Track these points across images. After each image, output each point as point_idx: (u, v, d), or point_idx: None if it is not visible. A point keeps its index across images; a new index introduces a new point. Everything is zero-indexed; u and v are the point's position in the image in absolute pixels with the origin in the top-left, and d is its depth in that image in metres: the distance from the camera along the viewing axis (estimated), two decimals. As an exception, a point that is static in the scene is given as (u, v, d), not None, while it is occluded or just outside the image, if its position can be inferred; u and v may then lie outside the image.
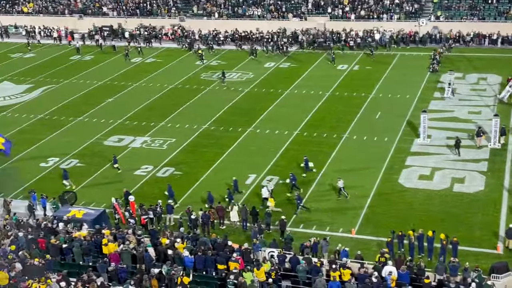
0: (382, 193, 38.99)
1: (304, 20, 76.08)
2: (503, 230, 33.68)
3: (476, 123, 47.33)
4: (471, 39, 68.52)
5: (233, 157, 45.14)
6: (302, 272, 29.03)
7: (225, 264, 29.35)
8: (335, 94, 56.79)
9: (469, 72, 59.64)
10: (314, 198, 38.81)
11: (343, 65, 64.67)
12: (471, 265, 28.77)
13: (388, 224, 35.02)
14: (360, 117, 50.93)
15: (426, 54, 65.24)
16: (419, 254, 32.29)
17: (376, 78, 59.89)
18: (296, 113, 52.47)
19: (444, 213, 36.24)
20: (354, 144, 45.85)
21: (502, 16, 70.17)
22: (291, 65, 66.39)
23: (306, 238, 33.12)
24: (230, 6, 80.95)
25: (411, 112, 50.75)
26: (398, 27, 71.67)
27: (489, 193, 38.04)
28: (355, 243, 33.61)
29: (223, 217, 36.47)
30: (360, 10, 75.13)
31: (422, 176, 40.53)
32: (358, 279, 28.01)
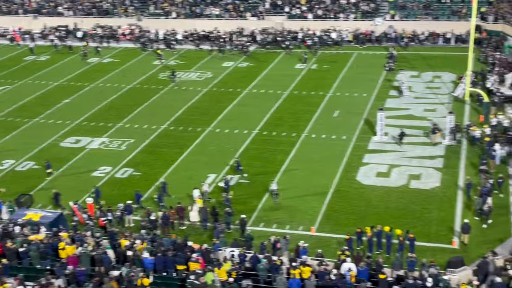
0: (340, 190, 39.42)
1: (262, 20, 76.25)
2: (458, 225, 34.42)
3: (431, 120, 48.21)
4: (425, 38, 69.74)
5: (192, 156, 45.03)
6: (262, 271, 29.19)
7: (185, 264, 29.31)
8: (293, 93, 57.13)
9: (424, 70, 60.71)
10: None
11: (301, 64, 65.08)
12: (428, 260, 29.36)
13: (347, 222, 35.47)
14: (318, 115, 51.36)
15: (382, 53, 66.14)
16: (377, 250, 32.76)
17: (334, 77, 60.45)
18: (255, 112, 52.62)
19: (402, 210, 36.85)
20: (313, 143, 46.22)
21: (455, 15, 71.57)
22: (249, 64, 66.49)
23: (267, 237, 33.30)
24: (188, 5, 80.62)
25: (368, 110, 51.42)
26: (355, 26, 72.46)
27: (445, 189, 38.81)
28: (314, 241, 33.93)
29: (183, 217, 36.37)
30: (317, 10, 75.70)
31: (380, 173, 41.12)
32: (318, 276, 28.31)
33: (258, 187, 40.05)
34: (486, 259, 28.90)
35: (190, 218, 36.27)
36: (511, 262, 28.26)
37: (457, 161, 41.95)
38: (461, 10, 71.40)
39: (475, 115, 48.82)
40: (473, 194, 37.14)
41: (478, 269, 28.91)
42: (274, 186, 38.66)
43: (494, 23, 67.76)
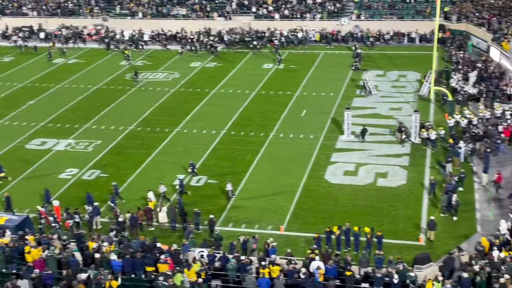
0: (309, 189, 39.65)
1: (229, 20, 76.26)
2: (424, 222, 34.91)
3: (397, 119, 48.80)
4: (391, 37, 70.55)
5: (160, 157, 44.82)
6: (231, 271, 29.22)
7: (154, 266, 29.17)
8: (261, 93, 57.27)
9: (389, 69, 61.40)
10: (243, 197, 39.05)
11: (268, 64, 65.27)
12: (395, 257, 29.72)
13: (315, 220, 35.71)
14: (286, 115, 51.58)
15: (348, 52, 66.68)
16: (345, 248, 33.05)
17: (301, 76, 60.77)
18: (223, 112, 52.61)
19: (369, 208, 37.23)
20: (281, 142, 46.39)
21: (419, 15, 72.55)
22: (217, 64, 66.43)
23: (235, 237, 33.35)
24: (154, 5, 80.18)
25: (335, 109, 51.81)
26: (321, 26, 72.95)
27: (411, 186, 39.32)
28: (283, 240, 34.07)
29: (151, 218, 36.19)
30: (284, 10, 76.00)
31: (347, 172, 41.47)
32: (287, 275, 28.45)
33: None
34: (452, 255, 29.36)
35: (159, 219, 36.11)
36: (476, 258, 28.75)
37: (423, 159, 42.53)
38: (425, 10, 72.43)
39: (440, 113, 49.53)
40: (438, 192, 37.67)
41: (444, 265, 29.37)
42: (229, 187, 38.61)
43: (458, 22, 68.92)
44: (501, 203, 36.47)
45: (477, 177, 39.68)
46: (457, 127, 45.02)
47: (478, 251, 29.42)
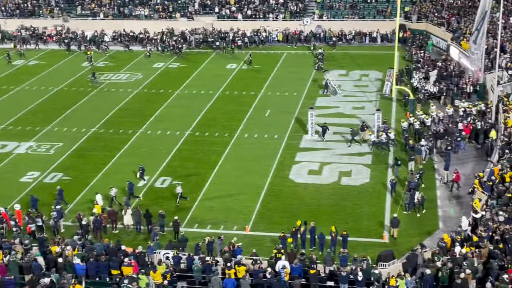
0: (274, 189, 39.76)
1: (192, 20, 76.00)
2: (388, 220, 35.32)
3: (360, 118, 49.29)
4: (353, 37, 71.21)
5: (124, 159, 44.42)
6: (197, 272, 29.16)
7: (119, 269, 28.92)
8: (225, 93, 57.23)
9: (352, 69, 61.97)
10: (208, 197, 38.97)
11: (232, 64, 65.27)
12: (360, 255, 30.02)
13: (280, 220, 35.82)
14: (250, 115, 51.65)
15: (311, 52, 67.05)
16: (311, 247, 33.25)
17: (265, 76, 60.91)
18: (187, 113, 52.42)
19: (333, 206, 37.51)
20: (246, 142, 46.43)
21: (381, 15, 73.42)
22: (180, 65, 66.17)
23: (201, 238, 33.26)
24: (116, 6, 79.44)
25: (299, 109, 52.08)
26: (284, 26, 73.24)
27: (374, 185, 39.75)
28: (249, 240, 34.10)
29: (115, 221, 35.85)
30: (246, 10, 76.08)
31: (312, 171, 41.71)
32: (253, 275, 28.51)
33: (192, 188, 39.89)
34: (415, 252, 29.77)
35: (124, 221, 35.80)
36: (439, 254, 29.21)
37: (385, 157, 43.03)
38: (386, 10, 73.33)
39: (401, 112, 50.18)
40: (401, 190, 38.12)
41: (407, 262, 29.74)
42: (179, 189, 38.36)
43: (418, 22, 69.92)
44: (462, 200, 37.10)
45: (439, 174, 40.33)
46: (410, 129, 45.47)
47: (440, 248, 29.88)
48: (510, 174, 34.62)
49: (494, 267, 26.94)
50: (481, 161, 41.25)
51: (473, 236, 30.41)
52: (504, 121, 41.86)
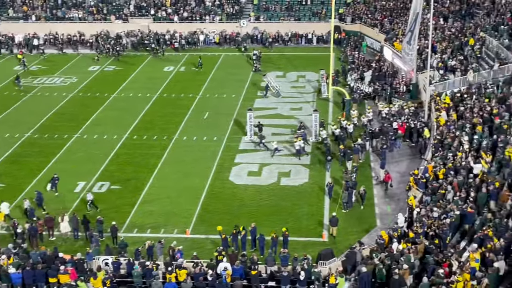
0: (214, 191, 39.72)
1: (127, 22, 75.07)
2: (327, 219, 35.82)
3: (298, 119, 49.81)
4: (289, 38, 71.91)
5: (60, 165, 43.42)
6: (137, 277, 28.85)
7: (56, 277, 28.31)
8: (163, 96, 56.79)
9: (289, 70, 62.57)
10: (148, 201, 38.60)
11: (169, 66, 64.85)
12: (300, 254, 30.35)
13: (221, 222, 35.66)
14: (189, 117, 51.44)
15: (248, 54, 67.32)
16: (252, 248, 33.38)
17: (203, 79, 60.77)
18: (124, 116, 51.76)
19: (273, 207, 37.76)
20: (185, 145, 46.20)
21: (316, 17, 74.40)
22: (116, 68, 65.28)
23: (141, 243, 32.92)
24: (48, 8, 77.64)
25: (238, 110, 52.21)
26: (221, 28, 73.29)
27: (313, 184, 40.23)
28: (190, 243, 33.95)
29: (52, 228, 35.03)
30: (183, 12, 75.72)
31: (251, 173, 41.89)
32: (194, 278, 28.42)
33: (131, 193, 39.43)
34: (353, 249, 30.32)
35: (61, 229, 35.01)
36: (377, 251, 29.82)
37: (323, 157, 43.59)
38: (321, 12, 74.35)
39: (338, 112, 50.98)
40: (339, 189, 38.72)
41: (346, 260, 30.27)
42: (90, 196, 37.78)
43: (352, 23, 71.18)
44: (398, 197, 38.00)
45: (375, 173, 41.18)
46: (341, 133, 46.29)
47: (378, 244, 30.52)
48: (443, 171, 35.65)
49: (430, 262, 27.71)
50: (416, 159, 42.33)
51: (409, 232, 31.18)
52: (436, 119, 43.11)
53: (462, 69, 48.91)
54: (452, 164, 36.09)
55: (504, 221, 29.59)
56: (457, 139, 38.95)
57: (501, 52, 49.64)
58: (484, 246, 27.85)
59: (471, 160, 35.75)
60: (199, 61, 64.14)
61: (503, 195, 31.97)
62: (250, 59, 64.55)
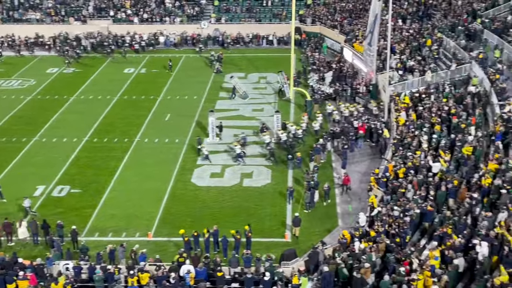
0: (176, 193, 39.54)
1: (86, 24, 74.14)
2: (290, 219, 35.97)
3: (259, 120, 49.92)
4: (250, 40, 72.02)
5: (18, 169, 42.67)
6: (99, 282, 28.52)
7: (14, 282, 27.79)
8: (123, 98, 56.27)
9: (250, 71, 62.65)
10: (109, 205, 38.20)
11: (129, 68, 64.30)
12: (263, 255, 30.40)
13: (183, 224, 35.58)
14: (150, 120, 51.08)
15: (209, 55, 67.06)
16: (214, 250, 33.31)
17: (164, 80, 60.43)
18: (84, 119, 51.12)
19: (236, 208, 37.77)
20: (146, 147, 45.85)
21: (276, 18, 74.67)
22: (75, 70, 64.42)
23: (103, 247, 32.56)
24: (5, 10, 76.15)
25: (199, 112, 52.06)
26: (182, 29, 72.98)
27: (276, 185, 40.37)
28: (152, 246, 33.71)
29: (10, 233, 34.36)
30: (143, 13, 75.16)
31: (214, 174, 41.81)
32: (157, 281, 28.22)
33: (91, 196, 38.98)
34: (316, 249, 30.52)
35: (19, 235, 34.34)
36: (339, 250, 30.07)
37: (285, 158, 43.76)
38: (282, 13, 74.64)
39: (299, 113, 51.25)
40: (301, 189, 38.94)
41: (309, 260, 30.44)
42: (27, 203, 36.94)
43: (313, 25, 71.66)
44: (360, 196, 38.40)
45: (336, 172, 41.52)
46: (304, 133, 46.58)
47: (341, 244, 30.79)
48: (403, 170, 36.16)
49: (391, 260, 28.06)
50: (376, 158, 42.84)
51: (370, 231, 31.53)
52: (396, 119, 43.70)
53: (421, 69, 49.71)
54: (412, 163, 36.63)
55: (463, 219, 30.17)
56: (416, 139, 39.57)
57: (458, 53, 50.65)
58: (444, 243, 28.35)
59: (430, 159, 36.35)
60: (169, 64, 63.39)
61: (462, 193, 32.61)
62: (209, 61, 64.40)
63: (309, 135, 46.37)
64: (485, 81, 44.54)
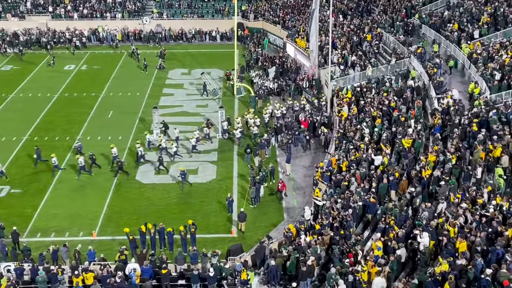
0: (120, 191, 39.09)
1: (24, 20, 72.29)
2: (235, 215, 36.06)
3: (204, 116, 49.81)
4: (193, 35, 71.70)
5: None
6: (42, 283, 27.97)
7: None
8: (64, 95, 55.19)
9: (194, 67, 62.38)
10: (51, 204, 37.47)
11: (70, 65, 63.09)
12: (210, 251, 30.42)
13: (129, 222, 35.24)
14: (92, 117, 50.31)
15: (152, 51, 66.53)
16: (160, 247, 33.11)
17: (106, 77, 59.56)
18: (23, 117, 49.94)
19: (182, 205, 37.64)
20: (89, 145, 44.97)
21: (219, 14, 74.58)
22: (13, 67, 62.79)
23: (45, 247, 31.94)
24: None
25: (143, 109, 51.57)
26: (123, 25, 72.06)
27: (221, 181, 40.40)
28: (97, 245, 33.22)
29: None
30: (82, 9, 73.80)
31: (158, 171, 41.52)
32: (102, 280, 27.88)
33: (32, 196, 38.14)
34: (262, 243, 30.72)
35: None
36: (285, 244, 30.34)
37: (230, 153, 43.88)
38: (224, 9, 74.59)
39: (243, 108, 51.40)
40: (246, 184, 39.12)
41: (255, 254, 30.65)
42: None
43: (255, 20, 71.87)
44: (304, 190, 38.81)
45: (281, 167, 41.84)
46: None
47: (286, 238, 31.07)
48: (346, 163, 36.73)
49: (335, 252, 28.50)
50: (320, 152, 43.36)
51: (315, 224, 31.93)
52: (339, 114, 44.32)
53: (362, 64, 50.54)
54: (355, 156, 37.24)
55: (404, 210, 30.89)
56: (358, 132, 40.23)
57: (398, 47, 51.73)
58: (386, 234, 28.96)
59: (372, 152, 37.03)
60: (144, 63, 61.48)
61: (403, 185, 33.37)
62: (156, 56, 63.74)
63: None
64: (424, 75, 45.67)
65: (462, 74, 46.16)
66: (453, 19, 52.45)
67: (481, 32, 48.46)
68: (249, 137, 45.37)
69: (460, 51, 46.81)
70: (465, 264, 24.81)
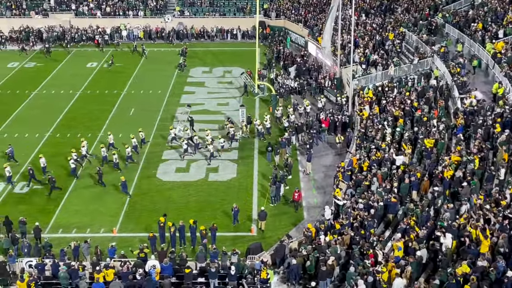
0: (141, 188, 39.25)
1: (47, 18, 72.96)
2: (255, 213, 36.04)
3: (225, 114, 49.84)
4: (214, 34, 71.80)
5: (-22, 165, 41.89)
6: (64, 279, 28.20)
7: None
8: (86, 92, 55.60)
9: (215, 66, 62.46)
10: (73, 201, 37.75)
11: (92, 62, 63.52)
12: (229, 249, 30.43)
13: (149, 219, 35.42)
14: (114, 114, 50.61)
15: (174, 49, 66.74)
16: (180, 245, 33.20)
17: (128, 74, 59.87)
18: (46, 114, 50.38)
19: (202, 203, 37.68)
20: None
21: (241, 12, 74.57)
22: (37, 64, 63.40)
23: (66, 243, 32.19)
24: (-39, 2, 74.58)
25: (164, 107, 51.74)
26: (145, 23, 72.36)
27: (241, 179, 40.39)
28: (117, 241, 33.39)
29: (-28, 231, 33.79)
30: (105, 7, 74.27)
31: (179, 169, 41.61)
32: (122, 277, 28.04)
33: (55, 192, 38.44)
34: (282, 242, 30.66)
35: (-19, 231, 33.80)
36: (305, 243, 30.26)
37: (251, 152, 43.84)
38: (246, 7, 74.57)
39: (264, 107, 51.34)
40: (267, 183, 39.06)
41: (275, 253, 30.59)
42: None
43: (277, 19, 71.76)
44: (325, 190, 38.64)
45: (302, 166, 41.72)
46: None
47: (306, 237, 30.98)
48: (367, 163, 36.53)
49: (356, 252, 28.35)
50: (341, 152, 43.14)
51: (335, 224, 31.79)
52: (360, 113, 44.08)
53: (384, 63, 50.21)
54: (376, 156, 37.02)
55: (426, 211, 30.64)
56: (380, 132, 39.99)
57: (420, 47, 51.32)
58: (407, 235, 28.74)
59: (394, 152, 36.78)
60: (183, 64, 61.32)
61: (424, 185, 33.10)
62: (178, 54, 63.89)
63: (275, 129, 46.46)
64: (447, 75, 45.24)
65: (486, 74, 45.66)
66: (477, 18, 51.91)
67: (506, 32, 47.89)
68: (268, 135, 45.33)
69: (484, 51, 46.31)
70: (486, 266, 24.54)
